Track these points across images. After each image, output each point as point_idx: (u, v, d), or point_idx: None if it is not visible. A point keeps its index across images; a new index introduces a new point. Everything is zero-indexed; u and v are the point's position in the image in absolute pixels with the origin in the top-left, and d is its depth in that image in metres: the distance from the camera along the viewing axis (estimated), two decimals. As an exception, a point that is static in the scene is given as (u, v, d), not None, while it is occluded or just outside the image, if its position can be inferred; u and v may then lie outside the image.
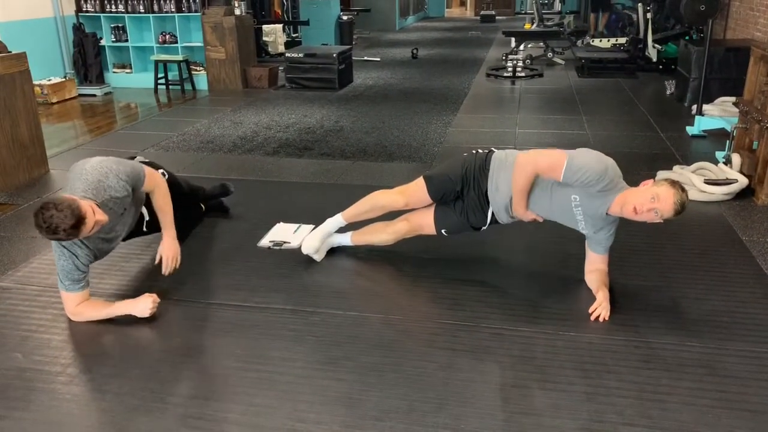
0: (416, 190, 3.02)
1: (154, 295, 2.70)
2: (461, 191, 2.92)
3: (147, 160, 3.27)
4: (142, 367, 2.39)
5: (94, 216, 2.39)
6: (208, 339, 2.57)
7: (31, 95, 4.69)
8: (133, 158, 3.21)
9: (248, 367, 2.38)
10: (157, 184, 2.91)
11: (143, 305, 2.65)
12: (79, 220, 2.32)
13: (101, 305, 2.69)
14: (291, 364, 2.40)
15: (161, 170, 3.28)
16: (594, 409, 2.13)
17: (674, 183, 2.55)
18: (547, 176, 2.66)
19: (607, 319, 2.65)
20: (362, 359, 2.42)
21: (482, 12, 20.41)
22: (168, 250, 2.93)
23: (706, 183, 4.04)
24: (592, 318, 2.66)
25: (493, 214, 2.92)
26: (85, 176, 2.59)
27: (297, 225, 3.64)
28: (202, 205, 3.80)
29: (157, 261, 2.92)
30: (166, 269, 2.90)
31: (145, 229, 3.18)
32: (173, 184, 3.38)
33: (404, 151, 5.28)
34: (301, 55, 8.22)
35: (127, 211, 2.76)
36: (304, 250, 3.19)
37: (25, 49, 4.73)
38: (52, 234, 2.32)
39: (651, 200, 2.50)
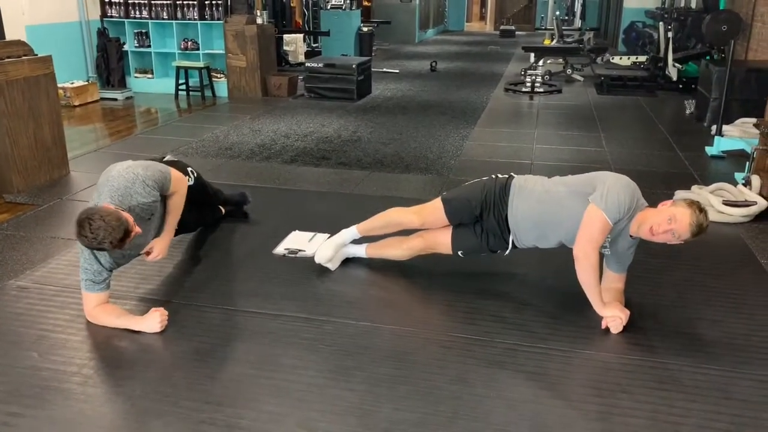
0: (433, 211, 3.01)
1: (161, 309, 2.69)
2: (480, 215, 2.90)
3: (175, 159, 3.31)
4: (156, 371, 2.41)
5: (134, 228, 2.44)
6: (222, 344, 2.58)
7: (55, 98, 4.76)
8: (162, 158, 3.25)
9: (260, 374, 2.39)
10: (178, 189, 2.95)
11: (152, 322, 2.64)
12: (126, 233, 2.38)
13: (115, 314, 2.70)
14: (303, 373, 2.40)
15: (189, 168, 3.32)
16: (607, 428, 2.11)
17: (692, 204, 2.53)
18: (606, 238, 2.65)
19: (615, 332, 2.65)
20: (374, 370, 2.41)
21: (502, 27, 20.43)
22: (160, 245, 2.92)
23: (724, 204, 4.01)
24: (602, 327, 2.67)
25: (513, 241, 2.90)
26: (111, 182, 2.63)
27: (312, 234, 3.66)
28: (222, 209, 3.83)
29: (146, 249, 2.87)
30: (152, 259, 2.91)
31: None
32: (202, 184, 3.42)
33: (421, 163, 5.29)
34: (320, 65, 8.28)
35: (154, 216, 2.79)
36: (317, 259, 3.20)
37: (50, 52, 4.80)
38: (97, 245, 2.36)
39: (668, 221, 2.49)
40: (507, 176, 2.92)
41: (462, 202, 2.94)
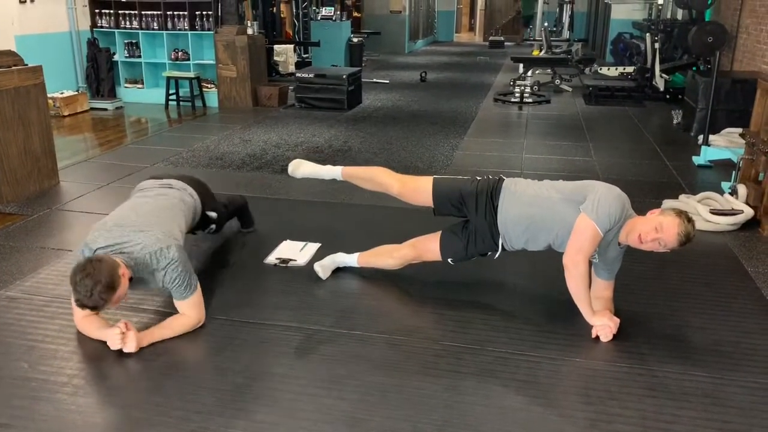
0: (416, 187, 3.01)
1: (120, 326, 2.54)
2: (467, 211, 2.90)
3: (200, 179, 3.34)
4: (147, 381, 2.40)
5: (116, 302, 2.45)
6: (213, 354, 2.58)
7: (45, 108, 4.75)
8: (191, 177, 3.25)
9: (252, 384, 2.38)
10: (190, 315, 2.73)
11: (109, 337, 2.54)
12: (97, 306, 2.40)
13: (96, 326, 2.64)
14: (295, 382, 2.40)
15: (212, 214, 3.34)
16: (597, 435, 2.13)
17: (680, 213, 2.57)
18: (595, 248, 2.68)
19: (605, 340, 2.68)
20: (366, 379, 2.42)
21: (491, 37, 20.59)
22: (136, 338, 2.55)
23: (711, 213, 4.05)
24: (593, 335, 2.70)
25: (502, 244, 2.92)
26: (146, 244, 2.57)
27: (303, 243, 3.66)
28: (213, 215, 3.77)
29: (122, 330, 2.55)
30: (124, 341, 2.53)
31: (213, 226, 3.35)
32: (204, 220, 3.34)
33: (411, 173, 5.29)
34: (311, 75, 8.31)
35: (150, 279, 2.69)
36: (292, 168, 3.23)
37: (40, 62, 4.80)
38: (74, 291, 2.39)
39: (655, 230, 2.53)
40: (498, 178, 2.93)
41: (452, 188, 2.92)
